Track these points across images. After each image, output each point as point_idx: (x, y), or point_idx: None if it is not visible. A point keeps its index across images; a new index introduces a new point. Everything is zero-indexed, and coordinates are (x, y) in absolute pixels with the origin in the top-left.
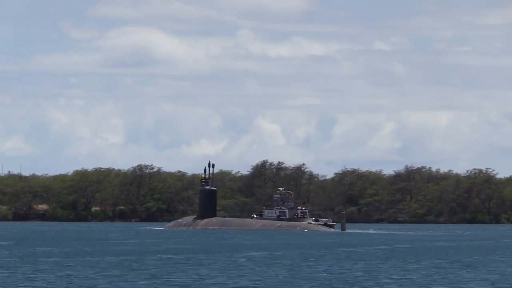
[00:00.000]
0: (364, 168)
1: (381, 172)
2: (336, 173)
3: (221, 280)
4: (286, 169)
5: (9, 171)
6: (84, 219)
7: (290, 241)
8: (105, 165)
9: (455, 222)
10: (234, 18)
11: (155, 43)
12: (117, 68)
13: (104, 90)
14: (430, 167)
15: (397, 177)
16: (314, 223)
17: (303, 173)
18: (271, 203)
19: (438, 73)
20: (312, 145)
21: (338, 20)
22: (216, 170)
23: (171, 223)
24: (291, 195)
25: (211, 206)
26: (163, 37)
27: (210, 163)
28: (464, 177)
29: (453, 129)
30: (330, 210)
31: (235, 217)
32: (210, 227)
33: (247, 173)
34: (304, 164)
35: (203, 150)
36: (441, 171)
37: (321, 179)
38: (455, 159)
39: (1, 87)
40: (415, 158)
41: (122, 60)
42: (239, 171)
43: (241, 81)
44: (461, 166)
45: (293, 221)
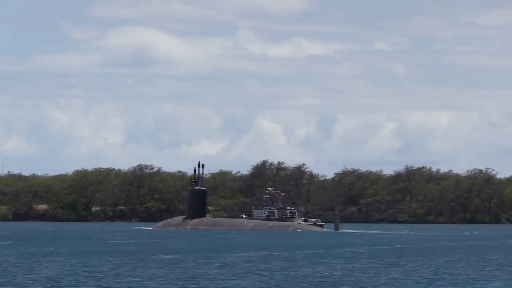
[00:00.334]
0: (364, 168)
1: (381, 172)
2: (336, 173)
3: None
4: (286, 169)
5: (9, 171)
6: (84, 219)
7: (297, 241)
8: (105, 165)
9: (455, 222)
10: (234, 18)
11: (155, 43)
12: (117, 68)
13: (104, 90)
14: (430, 167)
15: (397, 177)
16: (307, 224)
17: (303, 173)
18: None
19: (438, 73)
20: (312, 145)
21: (338, 20)
22: (216, 170)
23: (160, 223)
24: (280, 196)
25: (201, 206)
26: (163, 37)
27: (199, 163)
28: (464, 177)
29: (453, 129)
30: (330, 210)
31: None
32: (201, 227)
33: (247, 173)
34: (304, 164)
35: (203, 150)
36: (441, 171)
37: (321, 179)
38: (455, 159)
39: (1, 87)
40: (415, 158)
41: (122, 60)
42: (239, 171)
43: (241, 81)
44: (461, 166)
45: (284, 221)
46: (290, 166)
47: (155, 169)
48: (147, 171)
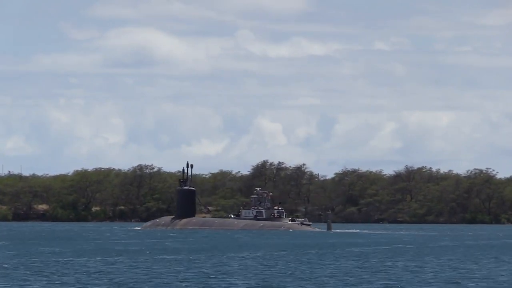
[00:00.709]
0: (364, 168)
1: (381, 172)
2: (336, 173)
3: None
4: (286, 169)
5: (9, 171)
6: (84, 219)
7: (298, 240)
8: (105, 165)
9: (455, 222)
10: (234, 18)
11: (155, 43)
12: (117, 68)
13: (104, 90)
14: (430, 167)
15: (397, 177)
16: (299, 223)
17: (303, 173)
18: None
19: (438, 73)
20: (312, 145)
21: (338, 20)
22: (216, 170)
23: (148, 223)
24: (267, 195)
25: (189, 206)
26: (163, 37)
27: (188, 163)
28: (464, 177)
29: (453, 129)
30: (330, 210)
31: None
32: (190, 227)
33: (247, 173)
34: (304, 164)
35: (204, 150)
36: (441, 171)
37: (321, 179)
38: (455, 159)
39: (1, 87)
40: (415, 158)
41: (122, 60)
42: (239, 171)
43: (241, 81)
44: (461, 166)
45: (274, 221)
46: (290, 166)
47: (155, 169)
48: (147, 171)
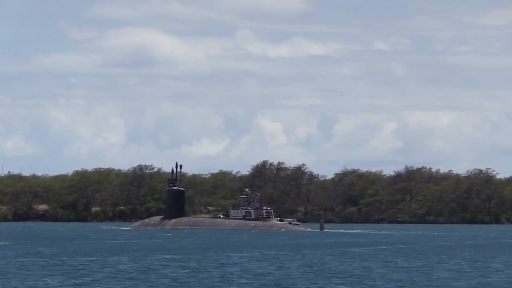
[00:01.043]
0: (365, 168)
1: (381, 172)
2: (336, 173)
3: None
4: (286, 169)
5: (9, 171)
6: (84, 219)
7: (301, 240)
8: (105, 165)
9: (455, 222)
10: (234, 18)
11: (155, 43)
12: (117, 68)
13: (104, 90)
14: (430, 167)
15: (397, 177)
16: (290, 223)
17: (303, 173)
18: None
19: (438, 73)
20: (313, 145)
21: (338, 20)
22: (216, 170)
23: (137, 223)
24: (256, 196)
25: (179, 206)
26: (163, 37)
27: (177, 164)
28: (464, 177)
29: (454, 129)
30: (330, 210)
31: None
32: (180, 227)
33: (247, 173)
34: (304, 164)
35: (204, 150)
36: (441, 171)
37: (321, 179)
38: (455, 159)
39: (1, 87)
40: (415, 158)
41: (122, 60)
42: (239, 171)
43: (241, 81)
44: (461, 166)
45: (264, 221)
46: (290, 166)
47: (155, 169)
48: (147, 171)
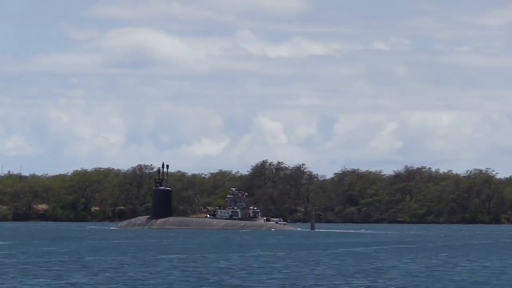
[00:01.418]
0: (365, 168)
1: (381, 172)
2: (336, 173)
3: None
4: (285, 169)
5: (9, 171)
6: (84, 219)
7: (301, 240)
8: (105, 165)
9: (455, 222)
10: (234, 18)
11: (155, 43)
12: (117, 68)
13: (104, 90)
14: (430, 167)
15: (397, 177)
16: (280, 223)
17: (303, 173)
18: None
19: (438, 73)
20: (313, 145)
21: (338, 20)
22: (216, 170)
23: (124, 222)
24: (243, 196)
25: (165, 206)
26: (163, 37)
27: (163, 164)
28: (464, 177)
29: (454, 129)
30: (330, 210)
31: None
32: (168, 227)
33: (247, 173)
34: (303, 164)
35: (204, 150)
36: (441, 171)
37: (321, 179)
38: (455, 159)
39: (1, 87)
40: (415, 158)
41: (122, 60)
42: (238, 171)
43: (241, 81)
44: (461, 166)
45: (251, 221)
46: (289, 166)
47: (155, 169)
48: (147, 171)
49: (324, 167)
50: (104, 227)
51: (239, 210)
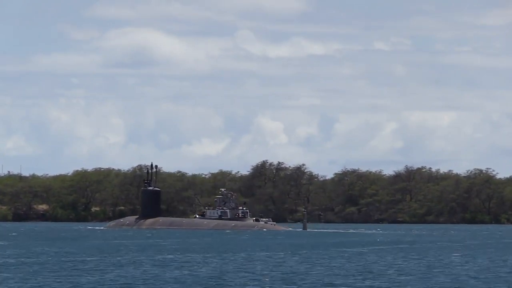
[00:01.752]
0: (365, 168)
1: (381, 172)
2: (336, 173)
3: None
4: (286, 169)
5: (9, 171)
6: (84, 219)
7: (302, 240)
8: (105, 165)
9: (455, 222)
10: (234, 18)
11: (155, 43)
12: (117, 68)
13: (104, 90)
14: (430, 167)
15: (397, 177)
16: (272, 223)
17: (303, 173)
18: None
19: (438, 73)
20: (313, 145)
21: (338, 20)
22: (216, 170)
23: (112, 223)
24: (232, 196)
25: (154, 206)
26: (163, 37)
27: (152, 164)
28: (464, 177)
29: (454, 129)
30: (330, 210)
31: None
32: (158, 227)
33: (247, 173)
34: (304, 164)
35: (204, 150)
36: (441, 171)
37: (321, 179)
38: (455, 159)
39: (1, 87)
40: (416, 158)
41: (122, 60)
42: (238, 171)
43: (241, 81)
44: (461, 166)
45: (242, 221)
46: (289, 166)
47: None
48: (146, 171)
49: (324, 167)
50: (94, 227)
51: (228, 211)
